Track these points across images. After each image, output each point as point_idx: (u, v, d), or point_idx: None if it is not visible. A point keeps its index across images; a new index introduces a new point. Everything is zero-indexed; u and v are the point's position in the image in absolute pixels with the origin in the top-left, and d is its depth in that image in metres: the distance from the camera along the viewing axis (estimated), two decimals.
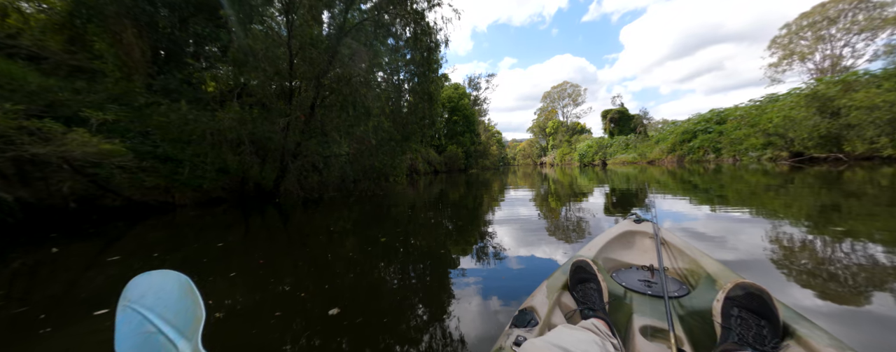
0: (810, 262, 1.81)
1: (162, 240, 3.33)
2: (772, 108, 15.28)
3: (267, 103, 5.80)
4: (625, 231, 1.49)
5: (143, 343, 0.38)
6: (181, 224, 4.12)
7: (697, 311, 0.91)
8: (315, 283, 1.85)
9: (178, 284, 0.43)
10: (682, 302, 0.99)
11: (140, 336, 0.38)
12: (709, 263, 1.14)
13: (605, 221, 3.28)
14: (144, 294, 0.42)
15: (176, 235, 3.55)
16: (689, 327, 0.84)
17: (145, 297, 0.41)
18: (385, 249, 2.52)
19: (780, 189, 5.16)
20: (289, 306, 1.53)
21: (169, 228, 3.90)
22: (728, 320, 0.73)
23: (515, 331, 0.76)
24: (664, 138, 23.93)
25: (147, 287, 0.43)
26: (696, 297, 1.00)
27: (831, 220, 2.77)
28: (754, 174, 8.22)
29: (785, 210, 3.33)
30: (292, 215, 4.61)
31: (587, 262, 1.00)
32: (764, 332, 0.68)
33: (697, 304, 0.95)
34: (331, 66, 5.85)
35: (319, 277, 1.97)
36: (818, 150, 11.64)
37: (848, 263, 1.78)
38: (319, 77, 5.75)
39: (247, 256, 2.49)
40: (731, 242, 2.24)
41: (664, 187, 6.32)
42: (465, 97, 34.66)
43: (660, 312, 0.91)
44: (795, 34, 24.35)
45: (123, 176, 4.56)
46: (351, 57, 6.04)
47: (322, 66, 5.64)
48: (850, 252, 1.93)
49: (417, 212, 4.58)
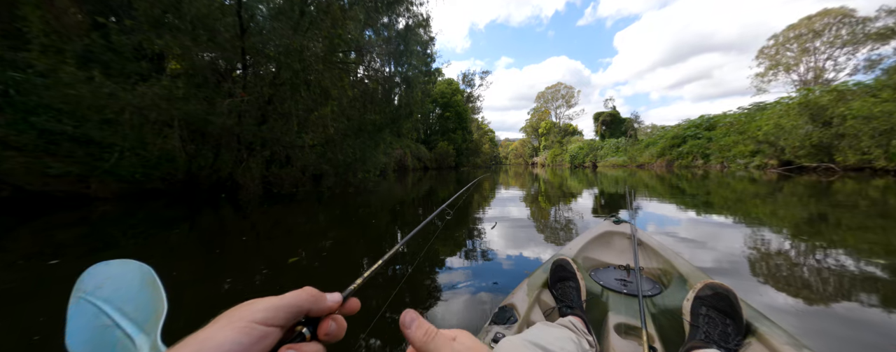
0: (786, 267, 1.84)
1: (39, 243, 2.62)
2: (761, 115, 15.36)
3: (196, 78, 4.88)
4: (604, 232, 1.51)
5: (98, 337, 0.35)
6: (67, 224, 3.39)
7: (669, 309, 0.95)
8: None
9: (140, 274, 0.39)
10: (655, 301, 1.02)
11: (94, 330, 0.36)
12: (681, 263, 1.17)
13: (593, 222, 3.22)
14: (101, 285, 0.38)
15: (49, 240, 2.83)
16: (660, 324, 0.89)
17: (102, 288, 0.38)
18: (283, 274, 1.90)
19: (767, 197, 5.06)
20: None
21: (62, 228, 3.17)
22: (697, 318, 0.76)
23: (494, 328, 0.77)
24: (654, 143, 23.94)
25: (104, 277, 0.39)
26: (668, 296, 1.04)
27: (816, 229, 2.76)
28: (741, 181, 8.11)
29: (769, 218, 3.28)
30: (227, 215, 3.93)
31: (567, 261, 1.02)
32: (729, 330, 0.72)
33: (669, 303, 0.99)
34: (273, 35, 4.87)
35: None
36: (808, 159, 11.48)
37: (824, 270, 1.79)
38: (260, 47, 4.82)
39: None
40: (710, 246, 2.26)
41: (652, 191, 6.28)
42: (458, 93, 34.00)
43: (634, 310, 0.93)
44: (782, 45, 25.12)
45: (19, 161, 3.76)
46: (310, 25, 5.11)
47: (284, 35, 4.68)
48: (828, 260, 1.94)
49: (384, 214, 3.98)
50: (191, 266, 2.01)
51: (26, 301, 1.48)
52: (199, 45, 4.49)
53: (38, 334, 1.20)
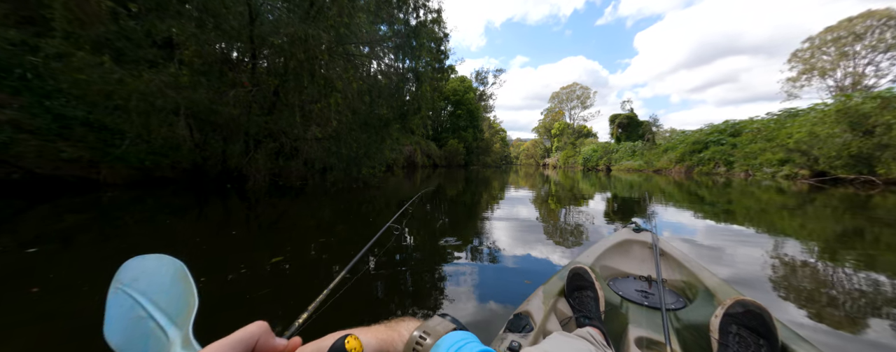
0: (816, 285, 1.68)
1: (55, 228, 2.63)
2: (792, 122, 14.51)
3: (200, 66, 4.82)
4: (623, 240, 1.45)
5: (133, 327, 0.37)
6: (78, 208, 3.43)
7: (694, 325, 0.91)
8: None
9: (173, 269, 0.41)
10: (679, 315, 0.98)
11: (130, 320, 0.38)
12: (708, 276, 1.12)
13: (605, 227, 3.14)
14: (137, 278, 0.41)
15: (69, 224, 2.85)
16: (684, 340, 0.85)
17: (138, 280, 0.41)
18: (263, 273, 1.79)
19: (797, 209, 4.71)
20: None
21: (75, 213, 3.20)
22: (726, 336, 0.73)
23: (510, 335, 0.76)
24: (673, 147, 23.04)
25: (140, 271, 0.42)
26: (694, 311, 0.99)
27: (851, 245, 2.51)
28: (767, 191, 7.62)
29: (798, 231, 3.06)
30: (233, 206, 3.90)
31: (585, 269, 1.00)
32: (762, 351, 0.68)
33: (694, 318, 0.94)
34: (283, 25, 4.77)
35: None
36: (846, 170, 10.62)
37: (861, 290, 1.63)
38: (266, 36, 4.71)
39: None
40: (730, 258, 2.12)
41: (669, 198, 6.04)
42: (470, 91, 33.65)
43: (656, 324, 0.91)
44: (818, 49, 23.69)
45: (32, 143, 3.83)
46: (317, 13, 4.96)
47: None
48: (865, 280, 1.76)
49: (384, 213, 3.86)
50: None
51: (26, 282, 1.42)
52: (209, 33, 4.45)
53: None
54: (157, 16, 4.23)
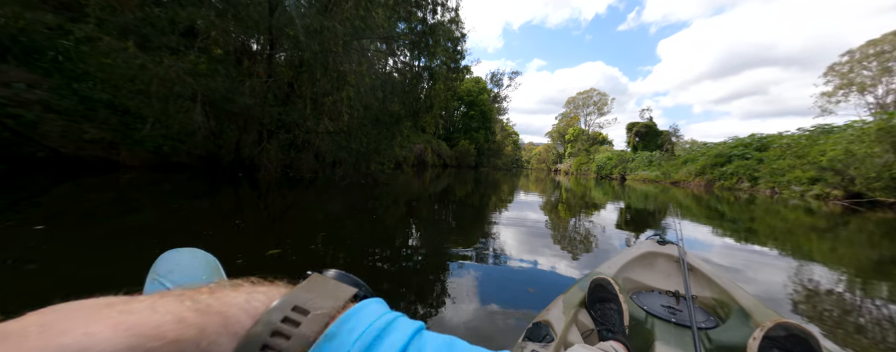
0: (852, 317, 1.56)
1: (78, 205, 2.72)
2: (825, 139, 13.67)
3: (217, 54, 4.92)
4: (647, 252, 1.39)
5: None
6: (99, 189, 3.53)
7: (727, 346, 0.86)
8: None
9: (205, 262, 0.44)
10: (711, 334, 0.92)
11: None
12: (742, 295, 1.06)
13: (618, 236, 3.10)
14: (172, 270, 0.43)
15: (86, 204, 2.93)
16: None
17: (173, 272, 0.42)
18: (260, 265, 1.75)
19: (827, 232, 4.41)
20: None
21: (95, 192, 3.30)
22: None
23: (529, 345, 0.75)
24: (693, 159, 22.14)
25: (175, 263, 0.44)
26: (727, 331, 0.93)
27: (889, 274, 2.36)
28: (795, 210, 7.16)
29: (828, 255, 2.89)
30: (244, 194, 3.95)
31: (608, 281, 0.97)
32: None
33: (728, 339, 0.89)
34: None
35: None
36: (885, 193, 9.86)
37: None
38: (283, 26, 4.75)
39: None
40: (750, 277, 2.04)
41: (686, 211, 5.81)
42: (484, 92, 33.42)
43: (685, 342, 0.85)
44: (858, 63, 22.32)
45: (58, 123, 3.99)
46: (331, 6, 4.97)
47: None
48: None
49: (395, 213, 3.82)
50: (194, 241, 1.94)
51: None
52: (229, 22, 4.53)
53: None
54: (180, 3, 4.34)
